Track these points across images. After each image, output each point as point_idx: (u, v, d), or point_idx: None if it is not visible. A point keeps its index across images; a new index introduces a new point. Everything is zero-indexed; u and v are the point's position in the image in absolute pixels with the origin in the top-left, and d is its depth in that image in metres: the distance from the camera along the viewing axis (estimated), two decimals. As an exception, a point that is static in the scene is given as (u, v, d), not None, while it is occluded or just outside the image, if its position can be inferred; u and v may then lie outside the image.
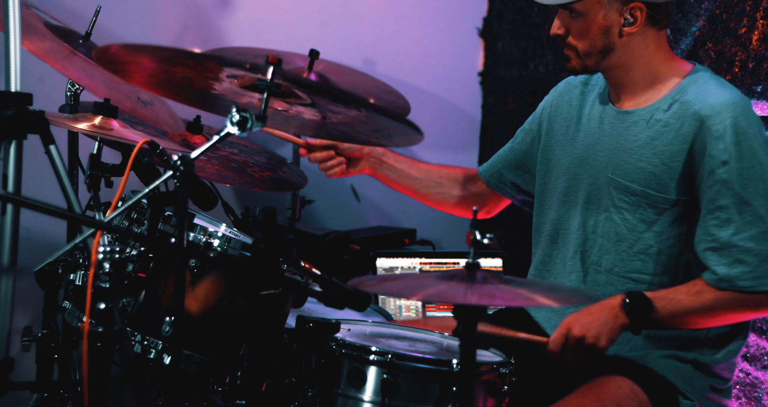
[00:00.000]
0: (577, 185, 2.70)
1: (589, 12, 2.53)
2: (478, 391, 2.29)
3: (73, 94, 2.96)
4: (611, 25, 2.53)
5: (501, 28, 4.44)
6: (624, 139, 2.60)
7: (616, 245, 2.59)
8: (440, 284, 1.94)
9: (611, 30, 2.54)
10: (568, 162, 2.73)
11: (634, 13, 2.53)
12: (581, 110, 2.76)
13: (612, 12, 2.52)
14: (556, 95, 2.88)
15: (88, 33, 3.01)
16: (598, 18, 2.53)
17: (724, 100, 2.48)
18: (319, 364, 2.32)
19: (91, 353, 1.97)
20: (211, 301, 2.41)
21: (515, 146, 2.96)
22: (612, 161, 2.62)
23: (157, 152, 2.21)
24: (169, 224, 2.42)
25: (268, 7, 4.06)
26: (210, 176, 2.95)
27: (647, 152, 2.56)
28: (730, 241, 2.43)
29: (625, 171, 2.58)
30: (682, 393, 2.56)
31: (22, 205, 2.05)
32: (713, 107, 2.47)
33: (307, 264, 2.33)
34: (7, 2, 2.19)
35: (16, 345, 2.77)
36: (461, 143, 4.55)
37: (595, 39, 2.55)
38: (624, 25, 2.53)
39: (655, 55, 2.58)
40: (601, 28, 2.54)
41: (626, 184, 2.57)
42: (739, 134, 2.43)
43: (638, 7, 2.52)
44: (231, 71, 2.16)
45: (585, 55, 2.57)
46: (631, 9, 2.52)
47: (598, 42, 2.55)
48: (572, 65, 2.62)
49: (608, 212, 2.61)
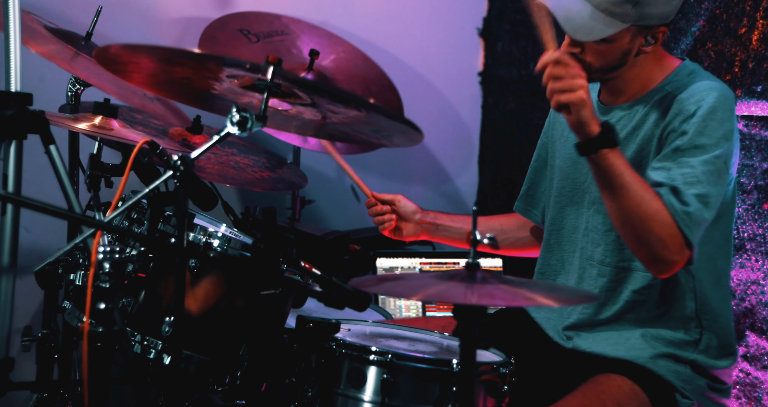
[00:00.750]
0: (570, 185, 2.72)
1: (617, 40, 2.51)
2: (478, 391, 2.29)
3: (73, 95, 2.96)
4: (633, 48, 2.54)
5: (501, 28, 4.44)
6: None
7: (605, 235, 2.60)
8: (440, 284, 1.94)
9: (631, 52, 2.55)
10: (562, 163, 2.75)
11: (657, 35, 2.54)
12: None
13: (638, 37, 2.52)
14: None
15: (89, 33, 3.02)
16: (624, 44, 2.52)
17: (704, 87, 2.50)
18: (319, 364, 2.32)
19: (91, 353, 1.97)
20: (211, 301, 2.41)
21: (533, 165, 2.96)
22: None
23: (157, 152, 2.21)
24: (169, 224, 2.42)
25: (268, 7, 4.05)
26: (210, 176, 2.95)
27: (629, 142, 2.57)
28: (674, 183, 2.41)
29: None
30: (680, 392, 2.56)
31: (22, 205, 2.05)
32: (691, 90, 2.50)
33: (307, 264, 2.33)
34: (7, 2, 2.19)
35: (16, 345, 2.77)
36: (461, 143, 4.55)
37: (613, 60, 2.55)
38: (644, 45, 2.54)
39: (652, 59, 2.60)
40: (624, 51, 2.54)
41: None
42: (708, 115, 2.44)
43: (662, 31, 2.54)
44: (231, 71, 2.16)
45: (595, 71, 2.55)
46: (654, 33, 2.53)
47: (615, 61, 2.55)
48: None
49: (595, 205, 2.63)
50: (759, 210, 3.22)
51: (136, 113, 3.15)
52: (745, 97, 3.22)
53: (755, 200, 3.21)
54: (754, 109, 3.21)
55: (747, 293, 3.24)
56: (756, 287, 3.22)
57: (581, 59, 2.55)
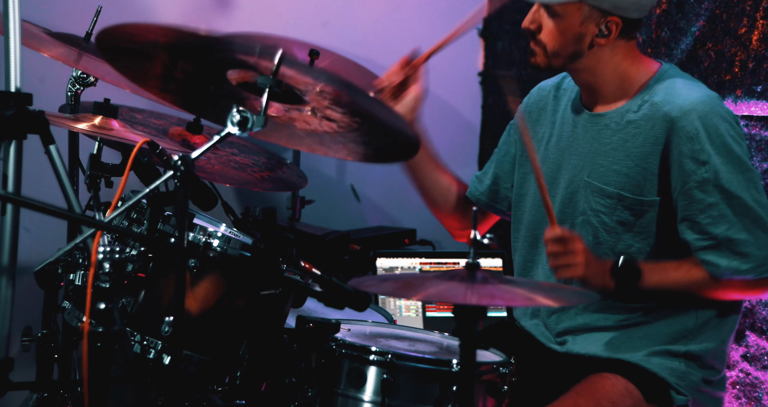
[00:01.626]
0: (554, 189, 2.69)
1: (568, 16, 2.52)
2: (478, 391, 2.29)
3: (73, 95, 2.96)
4: (585, 34, 2.54)
5: (501, 28, 4.44)
6: (598, 142, 2.61)
7: (595, 248, 2.59)
8: (440, 284, 1.94)
9: (584, 38, 2.54)
10: (544, 167, 2.73)
11: (610, 26, 2.53)
12: (555, 114, 2.77)
13: (589, 22, 2.53)
14: (530, 102, 2.88)
15: (88, 33, 3.02)
16: (575, 23, 2.53)
17: (692, 99, 2.50)
18: (319, 364, 2.32)
19: (91, 353, 1.97)
20: (211, 301, 2.41)
21: (501, 159, 2.93)
22: (587, 164, 2.62)
23: (157, 152, 2.21)
24: (169, 224, 2.42)
25: (268, 7, 4.05)
26: (210, 176, 2.95)
27: (620, 155, 2.57)
28: (726, 235, 2.46)
29: (600, 174, 2.59)
30: (674, 389, 2.57)
31: (22, 205, 2.05)
32: (681, 108, 2.49)
33: (307, 264, 2.33)
34: (7, 3, 2.19)
35: (16, 345, 2.77)
36: (461, 143, 4.55)
37: (567, 43, 2.55)
38: (597, 35, 2.54)
39: (623, 61, 2.60)
40: (575, 34, 2.54)
41: (601, 187, 2.58)
42: (711, 132, 2.46)
43: (615, 22, 2.53)
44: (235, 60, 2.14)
45: (553, 55, 2.57)
46: (607, 22, 2.52)
47: (569, 47, 2.56)
48: (537, 62, 2.62)
49: (585, 216, 2.61)
50: (759, 210, 3.21)
51: (137, 112, 3.15)
52: (745, 98, 3.22)
53: (755, 200, 3.21)
54: (754, 109, 3.21)
55: (747, 293, 3.24)
56: (756, 287, 3.22)
57: (539, 40, 2.57)
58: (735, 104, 3.24)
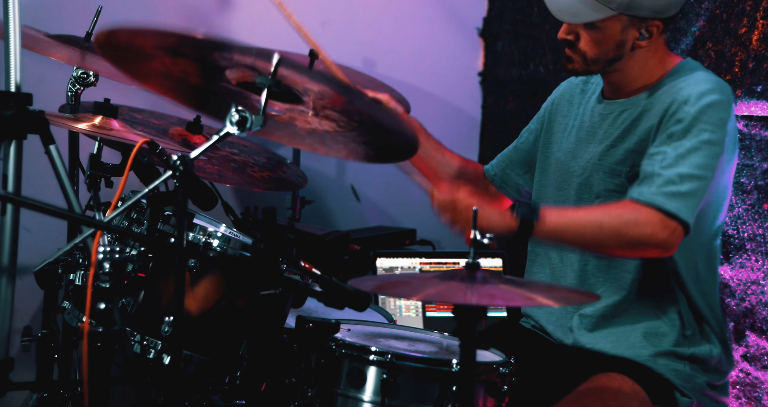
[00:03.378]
0: (570, 178, 2.72)
1: (607, 28, 2.54)
2: (478, 391, 2.29)
3: (73, 94, 2.96)
4: (626, 40, 2.56)
5: (501, 28, 4.43)
6: (612, 127, 2.63)
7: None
8: (440, 284, 1.94)
9: (625, 44, 2.57)
10: (562, 157, 2.75)
11: (651, 29, 2.56)
12: (579, 107, 2.79)
13: (630, 28, 2.55)
14: (558, 94, 2.91)
15: (88, 33, 3.02)
16: (616, 33, 2.55)
17: (702, 76, 2.53)
18: (319, 364, 2.32)
19: (91, 353, 1.97)
20: (211, 301, 2.41)
21: (519, 146, 2.97)
22: (600, 148, 2.64)
23: (157, 152, 2.21)
24: (169, 224, 2.42)
25: (268, 7, 4.05)
26: (210, 176, 2.95)
27: (630, 135, 2.59)
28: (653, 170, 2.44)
29: (611, 154, 2.61)
30: (680, 391, 2.57)
31: (22, 205, 2.05)
32: (689, 80, 2.52)
33: (307, 264, 2.33)
34: (7, 3, 2.19)
35: (16, 345, 2.77)
36: (461, 143, 4.54)
37: (608, 50, 2.57)
38: (639, 38, 2.56)
39: (654, 57, 2.62)
40: (616, 42, 2.56)
41: (613, 166, 2.60)
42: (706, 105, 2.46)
43: (655, 25, 2.55)
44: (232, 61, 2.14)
45: (592, 62, 2.60)
46: (648, 26, 2.55)
47: (610, 53, 2.58)
48: (575, 68, 2.63)
49: (600, 198, 2.63)
50: (759, 210, 3.22)
51: (137, 112, 3.15)
52: (745, 98, 3.22)
53: (755, 200, 3.21)
54: (754, 109, 3.21)
55: (747, 293, 3.24)
56: (756, 287, 3.22)
57: (578, 49, 2.58)
58: (735, 104, 3.24)
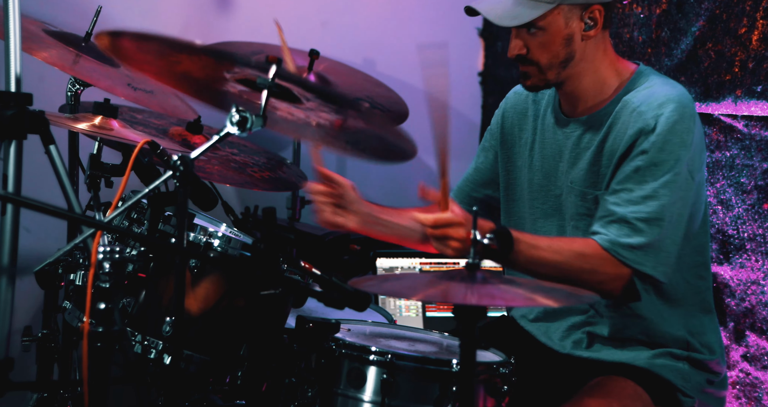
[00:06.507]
0: (543, 197, 2.68)
1: (551, 25, 2.51)
2: (478, 391, 2.29)
3: (73, 94, 2.96)
4: (573, 33, 2.53)
5: (501, 28, 4.42)
6: (579, 147, 2.60)
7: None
8: (440, 284, 1.94)
9: (573, 37, 2.53)
10: (531, 175, 2.71)
11: (593, 15, 2.52)
12: (536, 119, 2.74)
13: (573, 19, 2.51)
14: (507, 107, 2.86)
15: (88, 33, 3.02)
16: (560, 27, 2.51)
17: (662, 96, 2.49)
18: (319, 364, 2.32)
19: (91, 353, 1.97)
20: (211, 301, 2.41)
21: (479, 166, 2.89)
22: (570, 169, 2.61)
23: (158, 152, 2.21)
24: (170, 224, 2.42)
25: (268, 7, 4.05)
26: (210, 176, 2.95)
27: (598, 156, 2.55)
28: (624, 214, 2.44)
29: (581, 178, 2.58)
30: (681, 391, 2.57)
31: (22, 205, 2.05)
32: (650, 104, 2.48)
33: (307, 264, 2.33)
34: (7, 3, 2.19)
35: (16, 345, 2.77)
36: (461, 143, 4.54)
37: (558, 50, 2.54)
38: (585, 29, 2.53)
39: (603, 59, 2.58)
40: (564, 37, 2.53)
41: (583, 190, 2.57)
42: (668, 130, 2.44)
43: (597, 9, 2.52)
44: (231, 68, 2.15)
45: (547, 68, 2.55)
46: (591, 13, 2.52)
47: (561, 52, 2.54)
48: (533, 83, 2.59)
49: (575, 221, 2.60)
50: (759, 210, 3.22)
51: (137, 112, 3.15)
52: (745, 98, 3.22)
53: (755, 200, 3.21)
54: (754, 109, 3.21)
55: (747, 293, 3.24)
56: (756, 287, 3.22)
57: (530, 60, 2.56)
58: (735, 104, 3.24)
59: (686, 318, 2.60)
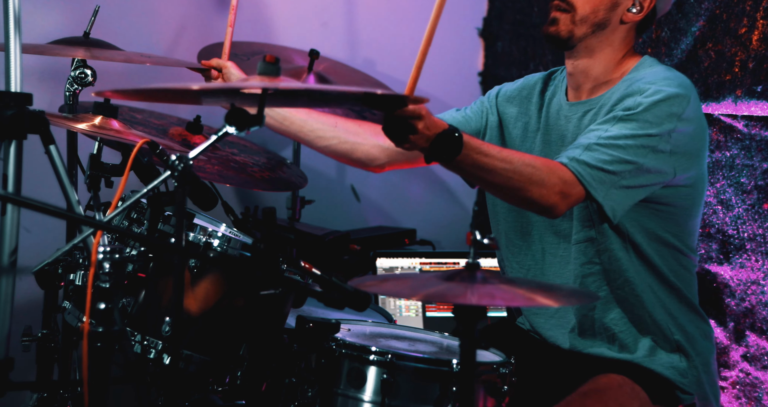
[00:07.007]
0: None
1: None
2: (478, 391, 2.29)
3: (71, 94, 2.96)
4: (620, 4, 2.55)
5: (501, 28, 4.43)
6: (578, 129, 2.61)
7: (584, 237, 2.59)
8: (440, 284, 1.94)
9: (618, 8, 2.55)
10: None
11: (644, 3, 2.54)
12: (539, 106, 2.75)
13: None
14: (513, 87, 2.84)
15: (86, 33, 3.02)
16: None
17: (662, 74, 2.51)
18: (319, 364, 2.32)
19: (91, 353, 1.97)
20: (211, 301, 2.41)
21: (468, 114, 2.86)
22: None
23: (157, 152, 2.21)
24: (169, 224, 2.42)
25: (268, 7, 4.05)
26: (210, 176, 2.95)
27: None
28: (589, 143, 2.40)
29: None
30: (679, 388, 2.57)
31: (22, 205, 2.05)
32: (650, 77, 2.50)
33: (307, 264, 2.33)
34: (7, 3, 2.19)
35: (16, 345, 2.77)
36: (461, 143, 4.54)
37: (599, 8, 2.55)
38: (629, 9, 2.55)
39: (620, 51, 2.61)
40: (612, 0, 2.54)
41: None
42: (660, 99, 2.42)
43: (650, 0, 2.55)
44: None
45: (581, 20, 2.55)
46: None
47: (601, 11, 2.55)
48: (557, 29, 2.58)
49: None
50: (759, 210, 3.21)
51: (137, 112, 3.15)
52: (745, 98, 3.22)
53: (755, 200, 3.21)
54: (754, 109, 3.21)
55: (747, 293, 3.24)
56: (756, 287, 3.22)
57: (570, 4, 2.54)
58: (735, 104, 3.24)
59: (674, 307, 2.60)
